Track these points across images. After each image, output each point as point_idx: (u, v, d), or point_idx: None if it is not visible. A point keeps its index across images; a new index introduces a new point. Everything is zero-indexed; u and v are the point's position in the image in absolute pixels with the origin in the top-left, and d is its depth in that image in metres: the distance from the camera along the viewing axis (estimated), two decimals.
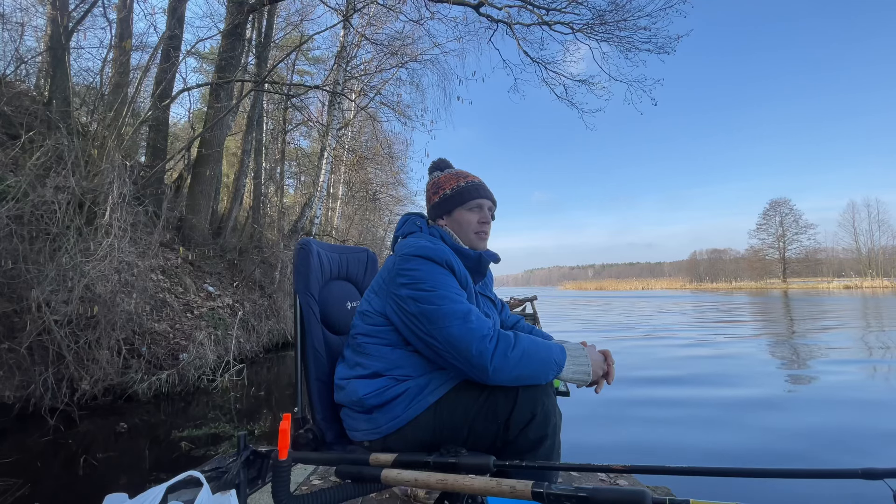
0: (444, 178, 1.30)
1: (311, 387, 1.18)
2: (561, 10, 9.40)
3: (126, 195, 4.84)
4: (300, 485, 2.00)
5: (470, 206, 1.25)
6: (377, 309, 1.13)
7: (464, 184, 1.26)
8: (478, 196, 1.25)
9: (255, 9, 7.99)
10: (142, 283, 4.93)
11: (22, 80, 5.68)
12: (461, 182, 1.27)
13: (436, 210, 1.28)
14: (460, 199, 1.25)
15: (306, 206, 10.28)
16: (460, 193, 1.25)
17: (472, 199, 1.25)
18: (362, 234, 18.06)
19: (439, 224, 1.27)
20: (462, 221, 1.25)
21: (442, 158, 1.37)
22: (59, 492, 2.55)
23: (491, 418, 1.03)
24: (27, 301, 3.71)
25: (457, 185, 1.26)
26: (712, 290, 60.90)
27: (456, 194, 1.25)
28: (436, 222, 1.29)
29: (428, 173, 1.37)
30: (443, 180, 1.29)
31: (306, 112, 12.51)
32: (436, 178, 1.32)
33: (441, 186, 1.28)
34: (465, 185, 1.26)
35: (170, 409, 4.18)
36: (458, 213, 1.25)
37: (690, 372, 5.70)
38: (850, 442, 3.13)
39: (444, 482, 0.79)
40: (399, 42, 11.38)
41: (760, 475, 0.71)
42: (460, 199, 1.25)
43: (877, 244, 59.73)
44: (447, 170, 1.34)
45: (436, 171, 1.35)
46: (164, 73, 6.95)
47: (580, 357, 1.07)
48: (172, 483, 0.77)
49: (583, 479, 2.01)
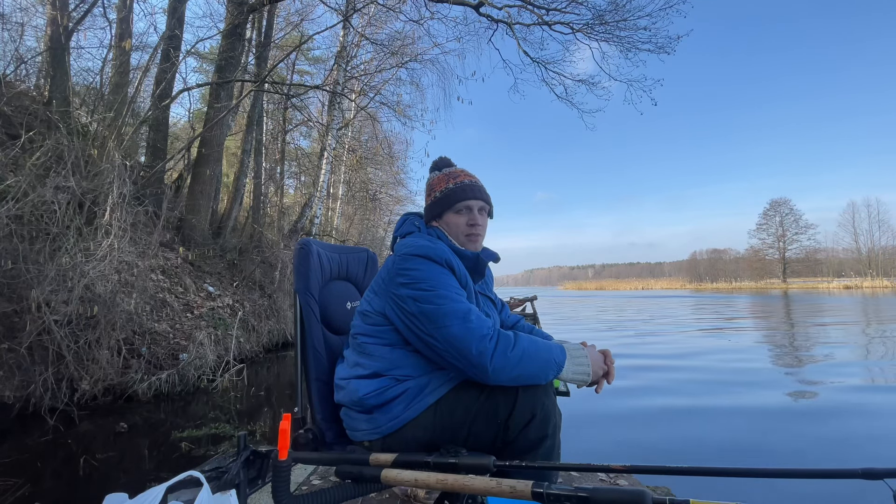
0: (436, 179, 1.28)
1: (311, 387, 1.18)
2: (561, 10, 9.41)
3: (126, 195, 4.84)
4: (300, 485, 2.00)
5: (458, 209, 1.23)
6: (377, 309, 1.12)
7: (452, 185, 1.24)
8: (465, 198, 1.22)
9: (255, 9, 7.99)
10: (142, 283, 4.93)
11: (22, 80, 5.67)
12: (450, 184, 1.24)
13: (428, 213, 1.28)
14: (447, 203, 1.23)
15: (306, 206, 10.29)
16: (447, 197, 1.23)
17: (458, 201, 1.22)
18: (362, 234, 18.07)
19: (433, 226, 1.27)
20: (451, 224, 1.23)
21: (442, 157, 1.35)
22: (59, 492, 2.55)
23: (491, 418, 1.03)
24: (27, 301, 3.71)
25: (445, 188, 1.24)
26: (712, 290, 60.87)
27: (444, 197, 1.24)
28: (430, 224, 1.28)
29: (429, 173, 1.36)
30: (435, 182, 1.28)
31: (306, 112, 12.52)
32: (431, 179, 1.30)
33: (433, 189, 1.27)
34: (453, 186, 1.23)
35: (170, 409, 4.18)
36: (448, 216, 1.24)
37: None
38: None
39: (444, 482, 0.79)
40: (399, 42, 11.39)
41: (760, 475, 0.71)
42: (447, 202, 1.23)
43: (877, 244, 59.78)
44: (444, 170, 1.31)
45: (434, 171, 1.33)
46: (164, 73, 6.95)
47: (580, 357, 1.07)
48: (172, 483, 0.77)
49: (583, 479, 2.01)
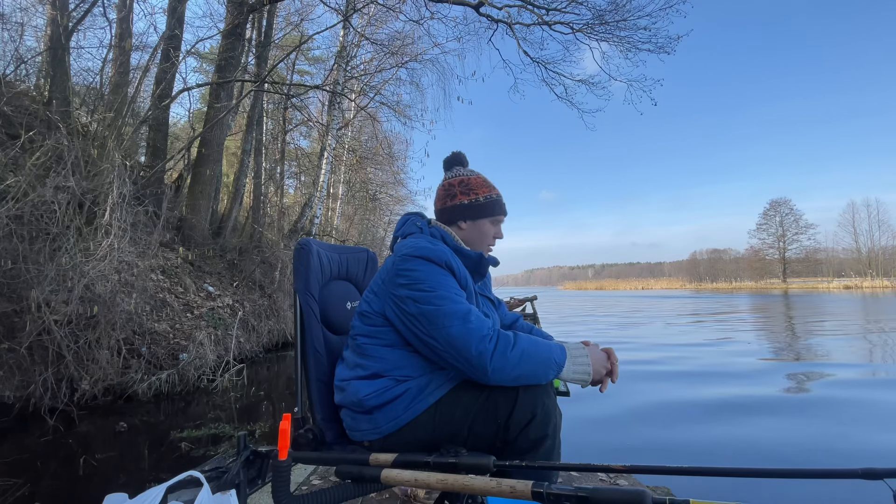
0: (475, 181, 1.26)
1: (311, 387, 1.18)
2: (561, 10, 9.42)
3: (126, 195, 4.84)
4: (300, 485, 2.00)
5: (494, 221, 1.27)
6: (377, 310, 1.12)
7: (495, 196, 1.26)
8: (503, 212, 1.27)
9: (255, 9, 8.00)
10: (142, 283, 4.94)
11: (22, 80, 5.67)
12: (492, 194, 1.26)
13: (460, 211, 1.24)
14: (489, 211, 1.25)
15: (306, 206, 10.29)
16: (492, 206, 1.25)
17: (499, 213, 1.26)
18: (362, 234, 18.08)
19: (460, 226, 1.25)
20: (484, 232, 1.26)
21: (460, 153, 1.32)
22: (59, 492, 2.55)
23: (491, 418, 1.03)
24: (27, 301, 3.71)
25: (489, 196, 1.25)
26: (712, 290, 60.85)
27: (488, 205, 1.24)
28: (455, 223, 1.25)
29: (445, 167, 1.32)
30: (475, 184, 1.25)
31: (306, 112, 12.53)
32: (464, 176, 1.27)
33: (472, 190, 1.25)
34: (496, 197, 1.26)
35: (170, 409, 4.18)
36: (484, 223, 1.25)
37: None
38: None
39: (444, 482, 0.79)
40: (399, 42, 11.40)
41: (760, 475, 0.71)
42: (490, 210, 1.25)
43: (877, 244, 59.66)
44: (472, 172, 1.28)
45: (457, 167, 1.30)
46: (164, 73, 6.95)
47: (580, 357, 1.06)
48: (172, 483, 0.77)
49: (583, 478, 2.01)
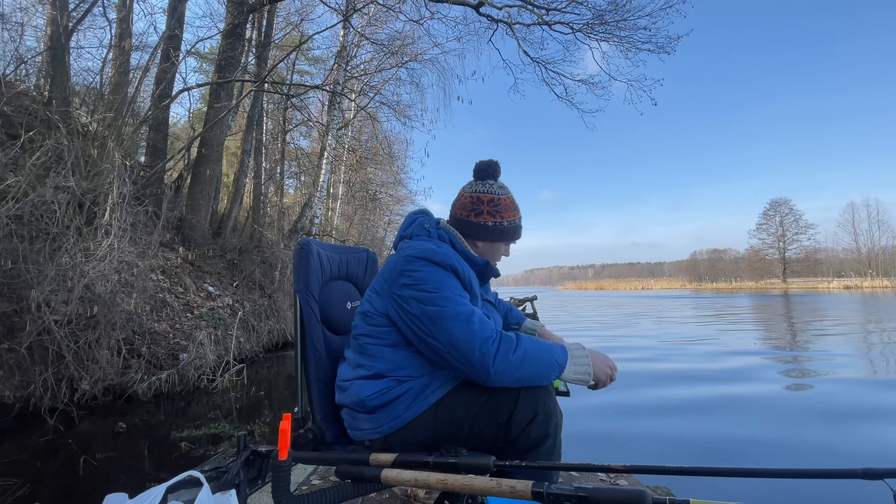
0: (505, 202, 1.22)
1: (312, 387, 1.18)
2: (561, 10, 9.41)
3: (126, 195, 4.84)
4: (300, 485, 2.00)
5: (510, 243, 1.29)
6: (379, 309, 1.12)
7: (517, 221, 1.26)
8: (519, 236, 1.29)
9: (255, 9, 7.99)
10: (142, 283, 4.94)
11: (22, 80, 5.66)
12: (516, 218, 1.26)
13: (482, 232, 1.22)
14: (510, 236, 1.25)
15: (306, 206, 10.27)
16: (514, 231, 1.25)
17: (517, 238, 1.28)
18: (362, 234, 18.07)
19: (476, 244, 1.24)
20: (496, 251, 1.27)
21: (495, 163, 1.26)
22: (59, 492, 2.55)
23: (492, 418, 1.03)
24: (27, 301, 3.71)
25: (513, 221, 1.24)
26: (712, 290, 60.85)
27: (511, 230, 1.24)
28: (472, 240, 1.23)
29: (477, 175, 1.26)
30: (504, 206, 1.22)
31: (306, 112, 12.53)
32: (496, 195, 1.22)
33: (500, 212, 1.22)
34: (518, 222, 1.26)
35: (170, 409, 4.18)
36: (500, 245, 1.27)
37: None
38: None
39: (444, 482, 0.79)
40: (399, 42, 11.39)
41: (760, 475, 0.71)
42: (511, 236, 1.25)
43: (877, 244, 59.62)
44: (504, 190, 1.24)
45: (490, 181, 1.25)
46: (164, 73, 6.95)
47: (581, 357, 1.07)
48: (172, 483, 0.77)
49: (583, 478, 2.01)
